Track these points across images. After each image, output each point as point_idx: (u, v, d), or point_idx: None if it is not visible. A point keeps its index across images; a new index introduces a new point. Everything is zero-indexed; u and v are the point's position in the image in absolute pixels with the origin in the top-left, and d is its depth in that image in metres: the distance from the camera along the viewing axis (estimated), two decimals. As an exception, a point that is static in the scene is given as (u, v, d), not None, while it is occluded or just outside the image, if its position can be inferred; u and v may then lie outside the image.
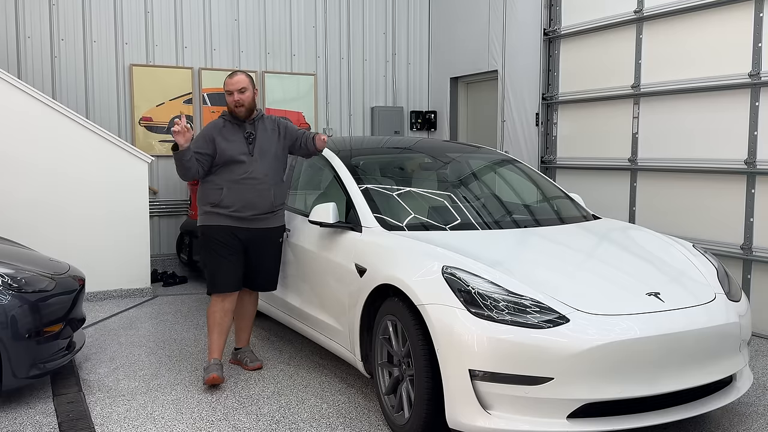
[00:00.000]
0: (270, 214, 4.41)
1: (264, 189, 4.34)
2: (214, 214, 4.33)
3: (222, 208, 4.29)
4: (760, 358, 4.83)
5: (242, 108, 4.35)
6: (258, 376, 4.45)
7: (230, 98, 4.37)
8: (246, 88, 4.35)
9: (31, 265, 4.19)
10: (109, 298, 6.53)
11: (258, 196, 4.33)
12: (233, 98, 4.35)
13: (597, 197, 6.46)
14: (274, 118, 4.60)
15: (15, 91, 6.02)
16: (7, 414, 3.83)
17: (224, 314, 4.37)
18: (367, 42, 9.00)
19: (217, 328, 4.36)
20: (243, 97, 4.33)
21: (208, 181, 4.36)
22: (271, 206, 4.39)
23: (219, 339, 4.37)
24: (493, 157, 5.29)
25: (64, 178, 6.26)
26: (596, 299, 3.27)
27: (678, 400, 3.22)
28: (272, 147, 4.43)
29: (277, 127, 4.51)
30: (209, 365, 4.30)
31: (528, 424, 3.05)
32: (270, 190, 4.37)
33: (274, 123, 4.53)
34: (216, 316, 4.36)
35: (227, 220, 4.32)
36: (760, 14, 5.36)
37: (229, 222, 4.32)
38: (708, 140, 5.78)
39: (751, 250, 5.47)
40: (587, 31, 6.91)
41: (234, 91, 4.34)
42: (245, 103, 4.35)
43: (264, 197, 4.35)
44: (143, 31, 7.67)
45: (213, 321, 4.37)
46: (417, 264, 3.50)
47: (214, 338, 4.37)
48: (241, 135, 4.36)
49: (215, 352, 4.36)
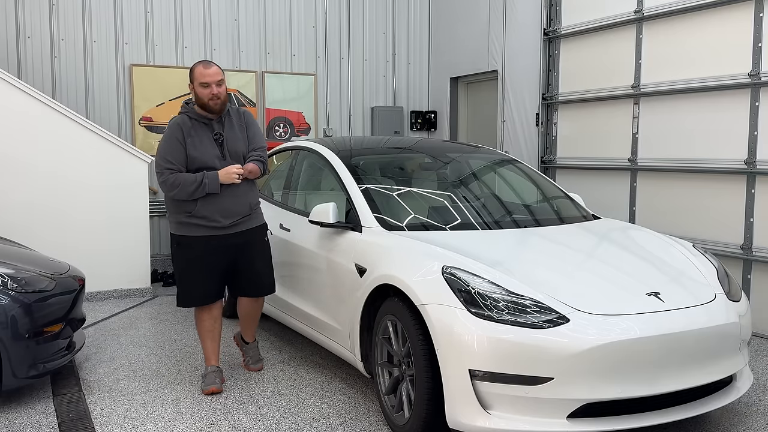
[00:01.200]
0: (247, 216, 4.17)
1: (240, 194, 4.08)
2: (190, 224, 4.04)
3: (197, 218, 4.00)
4: (760, 358, 4.83)
5: (218, 102, 3.99)
6: (258, 376, 4.45)
7: (206, 91, 3.96)
8: (223, 80, 4.01)
9: (31, 265, 4.19)
10: (109, 298, 6.53)
11: (234, 202, 4.06)
12: (210, 91, 3.95)
13: (597, 197, 6.46)
14: (237, 109, 4.26)
15: (15, 91, 6.02)
16: (7, 414, 3.83)
17: (214, 321, 4.22)
18: (367, 42, 9.00)
19: (209, 335, 4.22)
20: (221, 90, 3.98)
21: None
22: (249, 209, 4.16)
23: (213, 345, 4.25)
24: (493, 157, 5.29)
25: (63, 179, 6.26)
26: (596, 299, 3.27)
27: (678, 400, 3.22)
28: (241, 145, 4.12)
29: (243, 121, 4.18)
30: (207, 373, 4.20)
31: (528, 424, 3.05)
32: (246, 193, 4.12)
33: (239, 116, 4.18)
34: (205, 324, 4.20)
35: (205, 231, 4.04)
36: (760, 14, 5.35)
37: (207, 232, 4.04)
38: (708, 140, 5.78)
39: (751, 250, 5.47)
40: (587, 31, 6.91)
41: (212, 83, 3.96)
42: (222, 97, 3.99)
43: (241, 202, 4.09)
44: (143, 31, 7.67)
45: (203, 329, 4.22)
46: (417, 264, 3.49)
47: (208, 345, 4.24)
48: (209, 136, 4.03)
49: (212, 358, 4.25)
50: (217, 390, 4.13)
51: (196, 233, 4.05)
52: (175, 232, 4.14)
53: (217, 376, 4.21)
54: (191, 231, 4.06)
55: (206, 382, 4.16)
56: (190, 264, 4.11)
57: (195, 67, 4.06)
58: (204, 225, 4.04)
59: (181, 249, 4.12)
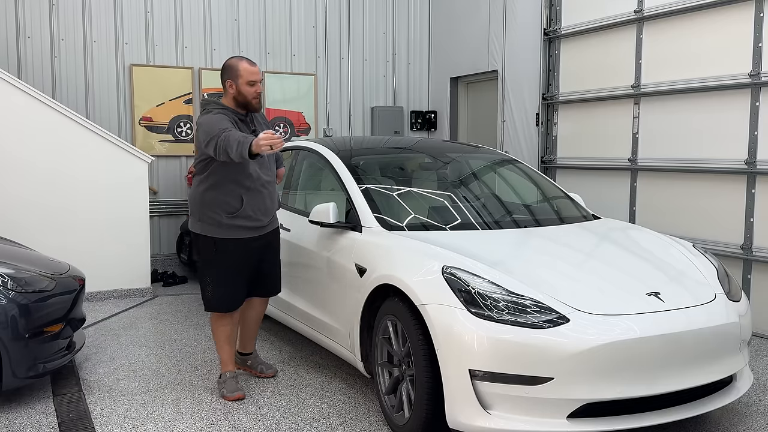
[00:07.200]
0: (274, 216, 4.23)
1: (273, 192, 4.13)
2: (231, 226, 3.93)
3: (241, 219, 3.93)
4: (760, 358, 4.83)
5: (258, 100, 3.97)
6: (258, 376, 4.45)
7: (252, 89, 3.91)
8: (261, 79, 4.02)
9: (31, 265, 4.19)
10: (109, 298, 6.53)
11: (271, 201, 4.10)
12: (256, 89, 3.91)
13: (597, 197, 6.46)
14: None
15: (15, 91, 6.02)
16: (7, 414, 3.83)
17: (234, 326, 4.17)
18: (367, 42, 9.00)
19: (229, 340, 4.15)
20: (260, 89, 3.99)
21: (219, 186, 3.90)
22: (277, 207, 4.23)
23: (231, 349, 4.19)
24: (493, 157, 5.29)
25: (63, 179, 6.26)
26: (596, 299, 3.27)
27: (678, 400, 3.22)
28: None
29: (265, 121, 4.20)
30: (227, 379, 4.10)
31: (528, 424, 3.05)
32: (276, 191, 4.19)
33: (263, 117, 4.22)
34: (227, 329, 4.12)
35: (245, 232, 3.97)
36: (760, 14, 5.35)
37: (246, 234, 3.98)
38: (708, 140, 5.78)
39: (751, 250, 5.47)
40: (587, 31, 6.91)
41: (257, 81, 3.92)
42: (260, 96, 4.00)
43: (274, 200, 4.15)
44: (143, 31, 7.67)
45: (224, 335, 4.12)
46: (417, 264, 3.49)
47: (228, 350, 4.15)
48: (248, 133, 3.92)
49: (231, 363, 4.17)
50: (243, 396, 4.05)
51: (236, 235, 3.96)
52: (211, 234, 3.95)
53: (237, 381, 4.15)
54: (232, 233, 3.95)
55: (229, 389, 4.06)
56: (228, 267, 3.99)
57: (238, 63, 3.95)
58: (247, 226, 3.96)
59: (219, 252, 3.96)
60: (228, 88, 3.97)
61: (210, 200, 3.93)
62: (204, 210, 3.96)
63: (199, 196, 3.98)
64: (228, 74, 3.96)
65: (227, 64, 4.01)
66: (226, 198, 3.90)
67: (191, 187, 4.12)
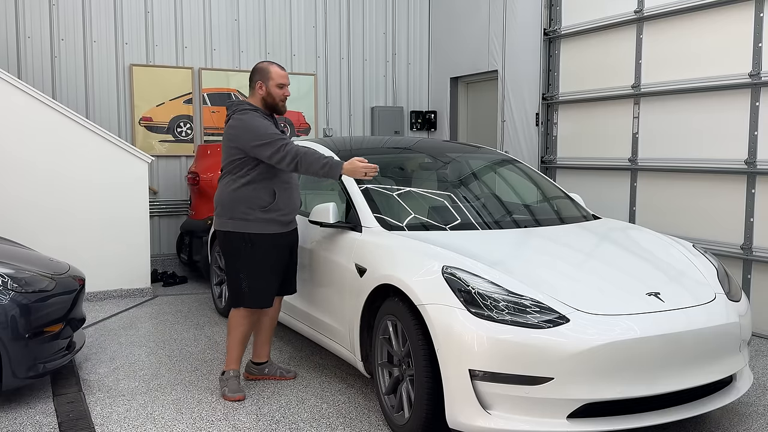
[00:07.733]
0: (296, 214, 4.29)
1: (298, 188, 4.21)
2: (263, 221, 3.95)
3: (274, 213, 3.96)
4: (760, 358, 4.83)
5: (284, 104, 4.09)
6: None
7: (281, 92, 4.03)
8: None
9: (31, 265, 4.19)
10: (109, 298, 6.53)
11: (298, 198, 4.20)
12: (285, 92, 4.05)
13: (597, 197, 6.46)
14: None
15: (15, 91, 6.02)
16: (7, 414, 3.83)
17: (251, 326, 4.16)
18: (367, 42, 9.00)
19: (244, 340, 4.13)
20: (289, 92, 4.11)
21: (253, 183, 3.93)
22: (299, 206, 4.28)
23: (242, 350, 4.17)
24: (493, 157, 5.29)
25: (63, 179, 6.26)
26: (596, 299, 3.27)
27: (678, 400, 3.22)
28: None
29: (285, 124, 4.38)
30: (230, 378, 4.08)
31: (528, 424, 3.05)
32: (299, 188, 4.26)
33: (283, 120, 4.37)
34: (246, 328, 4.10)
35: (277, 227, 4.01)
36: (760, 14, 5.36)
37: (278, 228, 4.02)
38: (708, 140, 5.78)
39: (751, 250, 5.47)
40: (587, 31, 6.91)
41: (286, 85, 4.05)
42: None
43: (299, 198, 4.24)
44: (143, 31, 7.67)
45: (242, 334, 4.10)
46: (417, 264, 3.49)
47: (240, 349, 4.13)
48: None
49: (237, 362, 4.14)
50: (244, 397, 4.04)
51: (269, 230, 3.98)
52: (245, 230, 3.95)
53: (240, 381, 4.14)
54: (265, 227, 3.97)
55: (231, 388, 4.04)
56: (263, 262, 4.00)
57: (269, 66, 4.06)
58: (279, 220, 4.00)
59: (255, 246, 3.97)
60: (258, 90, 4.04)
61: (243, 197, 3.94)
62: (236, 206, 3.95)
63: (231, 194, 3.97)
64: (259, 76, 4.05)
65: (258, 66, 4.11)
66: (259, 194, 3.95)
67: (219, 187, 4.07)
